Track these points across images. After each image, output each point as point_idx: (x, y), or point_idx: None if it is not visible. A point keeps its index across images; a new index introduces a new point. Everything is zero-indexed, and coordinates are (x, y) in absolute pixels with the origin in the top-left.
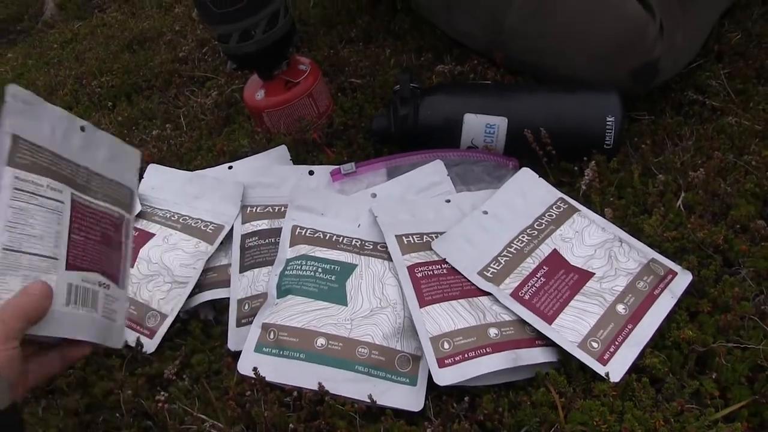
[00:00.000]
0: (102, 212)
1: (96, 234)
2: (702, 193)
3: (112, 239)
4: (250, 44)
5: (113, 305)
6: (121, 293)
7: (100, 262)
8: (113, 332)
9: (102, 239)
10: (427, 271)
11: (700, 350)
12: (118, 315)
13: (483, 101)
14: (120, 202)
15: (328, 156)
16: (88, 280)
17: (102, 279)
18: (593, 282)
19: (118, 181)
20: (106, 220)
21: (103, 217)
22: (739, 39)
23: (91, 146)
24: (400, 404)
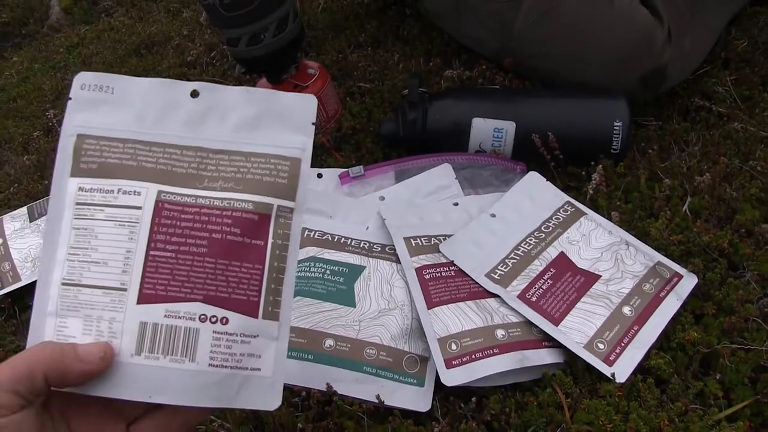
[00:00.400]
0: (218, 208)
1: (200, 244)
2: (708, 197)
3: (238, 246)
4: (259, 48)
5: (242, 348)
6: (266, 328)
7: (204, 284)
8: (252, 388)
9: (213, 249)
10: (434, 273)
11: (705, 351)
12: (263, 362)
13: (491, 106)
14: (264, 185)
15: (336, 160)
16: (177, 313)
17: (206, 309)
18: (600, 284)
19: (265, 153)
20: (227, 219)
21: (219, 216)
22: (745, 46)
23: (211, 114)
24: (407, 405)
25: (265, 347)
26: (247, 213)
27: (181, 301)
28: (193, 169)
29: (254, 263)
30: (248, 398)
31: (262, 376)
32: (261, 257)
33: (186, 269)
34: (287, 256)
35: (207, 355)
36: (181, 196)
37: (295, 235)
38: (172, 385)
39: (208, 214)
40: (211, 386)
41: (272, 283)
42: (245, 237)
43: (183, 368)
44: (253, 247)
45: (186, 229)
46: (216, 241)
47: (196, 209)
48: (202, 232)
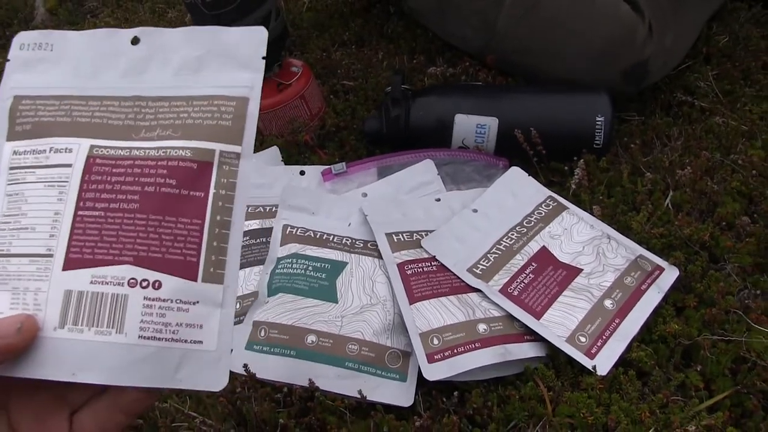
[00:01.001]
0: (153, 159)
1: (131, 199)
2: (689, 191)
3: (175, 201)
4: None
5: (179, 317)
6: (207, 292)
7: (135, 244)
8: (193, 364)
9: (146, 203)
10: (416, 269)
11: (686, 343)
12: (204, 333)
13: (474, 102)
14: (206, 129)
15: (320, 158)
16: (104, 279)
17: (136, 272)
18: (581, 278)
19: (208, 95)
20: (161, 170)
21: (154, 167)
22: (726, 42)
23: (152, 61)
24: (390, 400)
25: (207, 316)
26: (185, 161)
27: (108, 265)
28: (131, 120)
29: (192, 218)
30: (189, 377)
31: (204, 350)
32: (201, 211)
33: (115, 228)
34: (233, 208)
35: (137, 325)
36: (115, 149)
37: (243, 184)
38: (99, 361)
39: (141, 165)
40: (143, 362)
41: (214, 240)
42: (182, 189)
43: (110, 341)
44: (191, 199)
45: (117, 184)
46: (149, 195)
47: (129, 162)
48: (134, 186)
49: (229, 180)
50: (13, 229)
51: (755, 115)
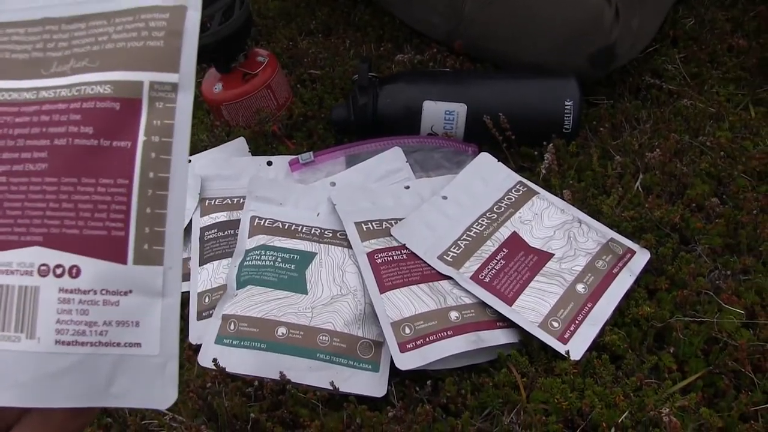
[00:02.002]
0: (65, 101)
1: (39, 158)
2: (659, 173)
3: (93, 156)
4: (205, 36)
5: (106, 313)
6: (142, 277)
7: (45, 219)
8: (131, 375)
9: (57, 164)
10: (386, 257)
11: (658, 326)
12: (142, 332)
13: (442, 88)
14: (130, 56)
15: (288, 148)
16: (8, 267)
17: (49, 257)
18: (553, 263)
19: (135, 7)
20: (74, 115)
21: (65, 111)
22: (692, 24)
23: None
24: (363, 390)
25: (144, 309)
26: (104, 101)
27: (13, 247)
28: (39, 51)
29: (116, 177)
30: (126, 391)
31: (143, 355)
32: (127, 167)
33: (20, 199)
34: (171, 160)
35: (52, 327)
36: (19, 92)
37: (183, 127)
38: (6, 376)
39: (50, 111)
40: (63, 376)
41: (147, 205)
42: (102, 138)
43: (19, 349)
44: (114, 152)
45: (20, 139)
46: (60, 150)
47: (36, 107)
48: (42, 139)
49: (163, 122)
50: None
51: (722, 97)
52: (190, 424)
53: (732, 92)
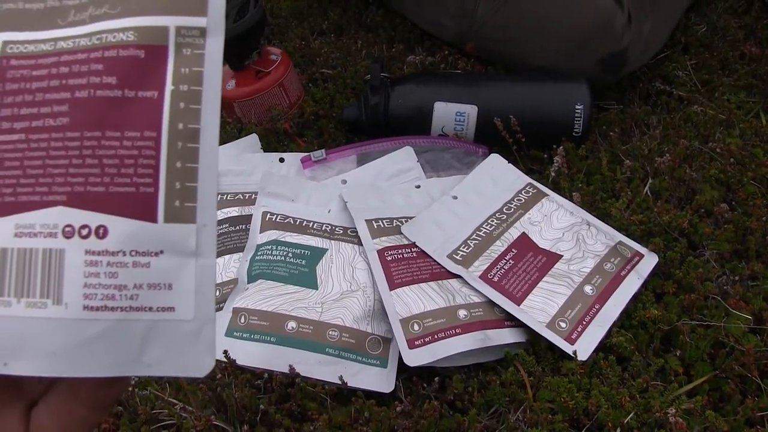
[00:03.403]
0: (85, 51)
1: (59, 111)
2: (668, 178)
3: (118, 107)
4: None
5: (130, 275)
6: (162, 235)
7: (68, 177)
8: (160, 340)
9: (79, 118)
10: (396, 255)
11: (665, 329)
12: (175, 296)
13: (453, 90)
14: (156, 0)
15: (299, 146)
16: (32, 229)
17: (74, 217)
18: (561, 264)
19: None
20: (96, 65)
21: (86, 61)
22: (704, 31)
23: None
24: (370, 386)
25: (177, 270)
26: (127, 48)
27: (36, 208)
28: (55, 0)
29: (143, 129)
30: (161, 359)
31: (178, 320)
32: (155, 118)
33: (41, 156)
34: (201, 110)
35: (80, 291)
36: (35, 44)
37: (213, 74)
38: (35, 344)
39: (69, 62)
40: (94, 343)
41: (178, 159)
42: (126, 88)
43: (46, 316)
44: (139, 103)
45: (39, 92)
46: (81, 102)
47: (54, 59)
48: (63, 92)
49: (192, 69)
50: None
51: (733, 105)
52: (199, 414)
53: (743, 99)
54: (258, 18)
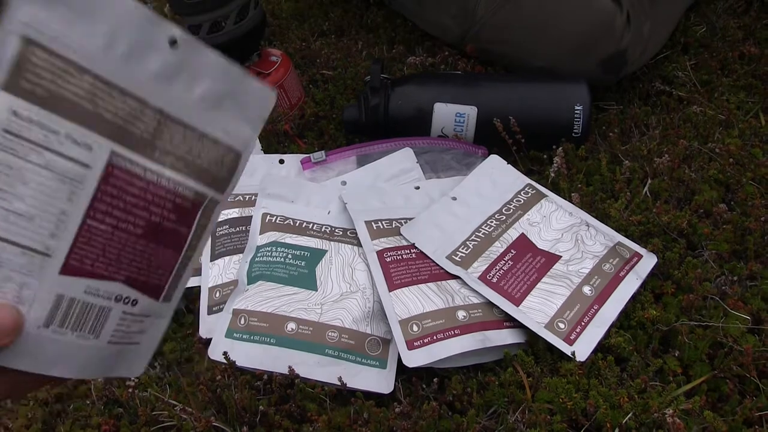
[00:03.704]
0: (164, 189)
1: (139, 224)
2: (667, 179)
3: (168, 232)
4: (220, 35)
5: (136, 326)
6: (160, 308)
7: (129, 265)
8: (126, 359)
9: (148, 231)
10: (396, 256)
11: (664, 329)
12: (145, 337)
13: (453, 91)
14: (207, 174)
15: (299, 147)
16: (97, 291)
17: (124, 291)
18: (560, 265)
19: (216, 138)
20: (169, 201)
21: (163, 198)
22: (704, 32)
23: (182, 73)
24: (370, 387)
25: (151, 325)
26: (186, 200)
27: (103, 279)
28: (149, 135)
29: (174, 249)
30: (123, 367)
31: (137, 347)
32: (181, 244)
33: (118, 247)
34: (198, 244)
35: (110, 333)
36: (133, 164)
37: (212, 226)
38: (72, 360)
39: (153, 193)
40: (100, 360)
41: (181, 269)
42: (177, 224)
43: (85, 344)
44: (179, 233)
45: (130, 204)
46: (153, 224)
47: (144, 184)
48: (144, 211)
49: (205, 221)
50: (4, 209)
51: (732, 105)
52: (199, 415)
53: (742, 100)
54: (258, 20)
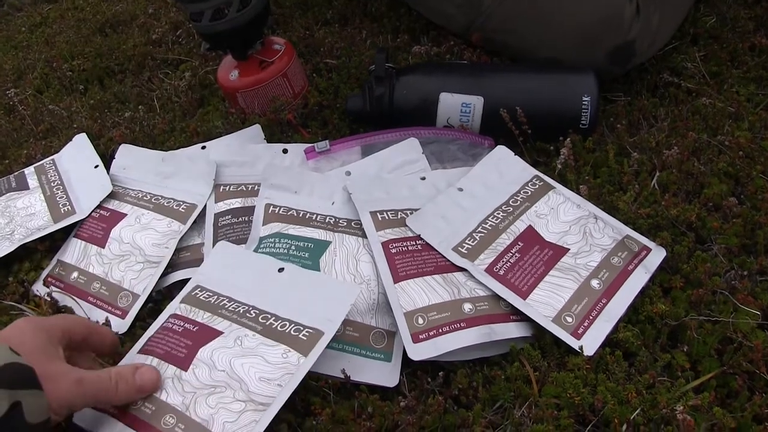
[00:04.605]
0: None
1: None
2: (676, 172)
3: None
4: (222, 23)
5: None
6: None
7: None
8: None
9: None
10: (401, 247)
11: (673, 324)
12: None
13: (459, 81)
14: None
15: (303, 136)
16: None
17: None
18: (568, 257)
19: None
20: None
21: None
22: (713, 23)
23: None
24: (374, 380)
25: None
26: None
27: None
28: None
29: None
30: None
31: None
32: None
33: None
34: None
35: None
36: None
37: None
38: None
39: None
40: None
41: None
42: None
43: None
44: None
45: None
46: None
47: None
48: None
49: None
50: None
51: (742, 97)
52: None
53: (752, 92)
54: (261, 8)
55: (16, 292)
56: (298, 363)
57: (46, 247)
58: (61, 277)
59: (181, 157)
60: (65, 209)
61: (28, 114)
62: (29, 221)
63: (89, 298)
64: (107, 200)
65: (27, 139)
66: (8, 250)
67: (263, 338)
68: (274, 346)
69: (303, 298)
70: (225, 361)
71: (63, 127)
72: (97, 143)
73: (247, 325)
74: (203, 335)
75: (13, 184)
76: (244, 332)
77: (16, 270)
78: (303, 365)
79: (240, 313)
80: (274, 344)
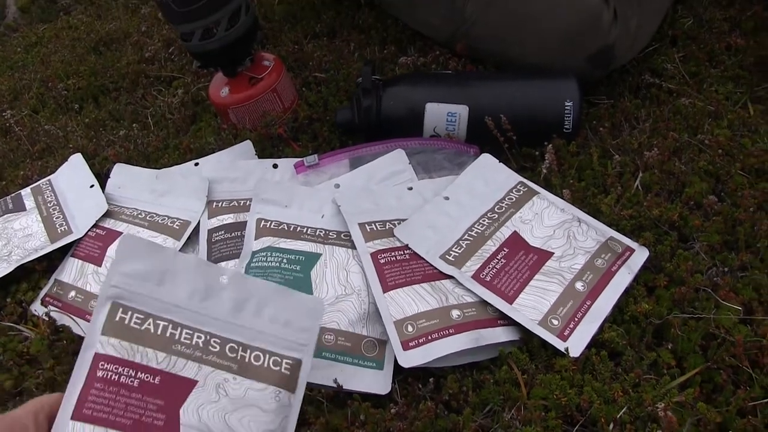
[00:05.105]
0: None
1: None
2: (658, 172)
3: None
4: (212, 42)
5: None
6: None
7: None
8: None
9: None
10: (390, 257)
11: (657, 322)
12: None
13: (444, 90)
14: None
15: (293, 150)
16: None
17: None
18: (552, 261)
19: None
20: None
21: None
22: (691, 24)
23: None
24: (367, 388)
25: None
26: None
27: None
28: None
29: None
30: None
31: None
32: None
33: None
34: None
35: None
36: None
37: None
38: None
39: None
40: None
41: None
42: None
43: None
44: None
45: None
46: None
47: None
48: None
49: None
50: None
51: (720, 96)
52: None
53: (731, 90)
54: (249, 25)
55: (14, 313)
56: (290, 403)
57: (44, 267)
58: (59, 297)
59: (174, 174)
60: (62, 229)
61: (24, 134)
62: (26, 242)
63: (87, 316)
64: (103, 219)
65: (23, 159)
66: (6, 271)
67: (247, 381)
68: (263, 389)
69: (268, 316)
70: (218, 419)
71: (59, 146)
72: (92, 162)
73: (220, 365)
74: (173, 388)
75: (10, 206)
76: (221, 376)
77: (14, 291)
78: (295, 404)
79: (200, 347)
80: (263, 387)
